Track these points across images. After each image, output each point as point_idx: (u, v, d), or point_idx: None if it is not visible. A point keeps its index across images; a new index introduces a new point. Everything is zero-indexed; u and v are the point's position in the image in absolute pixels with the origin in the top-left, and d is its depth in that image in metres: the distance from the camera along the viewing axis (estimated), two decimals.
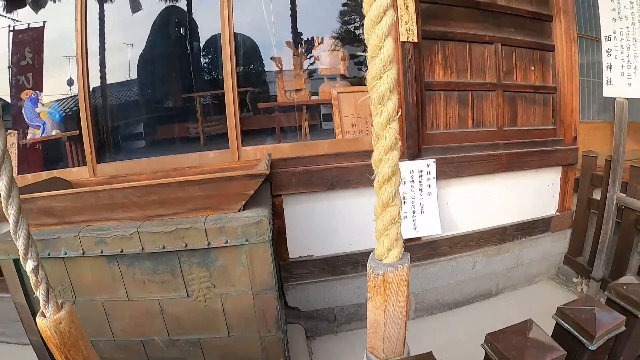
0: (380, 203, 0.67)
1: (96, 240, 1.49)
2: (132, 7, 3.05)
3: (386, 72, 0.58)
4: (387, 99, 0.59)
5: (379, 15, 0.54)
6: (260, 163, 1.90)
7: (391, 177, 0.64)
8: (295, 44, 2.70)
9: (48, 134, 2.59)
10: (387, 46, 0.57)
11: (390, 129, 0.61)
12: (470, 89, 2.27)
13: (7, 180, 0.62)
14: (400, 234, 0.67)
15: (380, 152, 0.63)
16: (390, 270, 0.67)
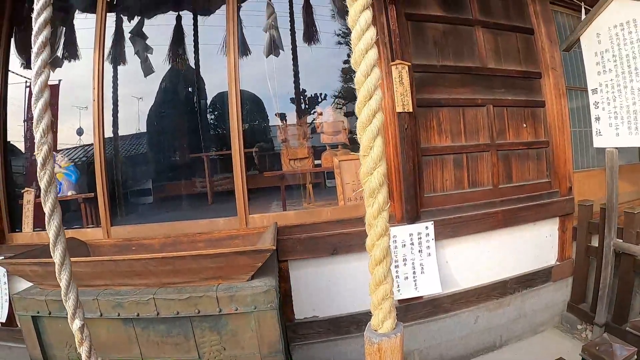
0: (374, 282, 0.76)
1: (114, 304, 1.59)
2: (144, 71, 3.24)
3: (376, 169, 0.66)
4: (377, 192, 0.68)
5: (369, 119, 0.63)
6: (267, 232, 2.00)
7: (383, 260, 0.73)
8: (299, 114, 2.86)
9: (64, 194, 2.73)
10: (376, 146, 0.64)
11: (380, 218, 0.70)
12: (465, 152, 2.38)
13: (61, 250, 0.72)
14: (393, 307, 0.76)
15: (372, 239, 0.72)
16: (385, 340, 0.75)
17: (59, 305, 1.64)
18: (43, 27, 0.66)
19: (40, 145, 0.66)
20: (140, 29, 3.09)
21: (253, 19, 2.60)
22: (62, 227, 0.72)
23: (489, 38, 2.58)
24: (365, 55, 0.64)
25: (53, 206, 0.70)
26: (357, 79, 0.67)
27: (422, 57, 2.33)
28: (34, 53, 0.68)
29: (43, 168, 0.67)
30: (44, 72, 0.67)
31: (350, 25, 0.66)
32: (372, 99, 0.66)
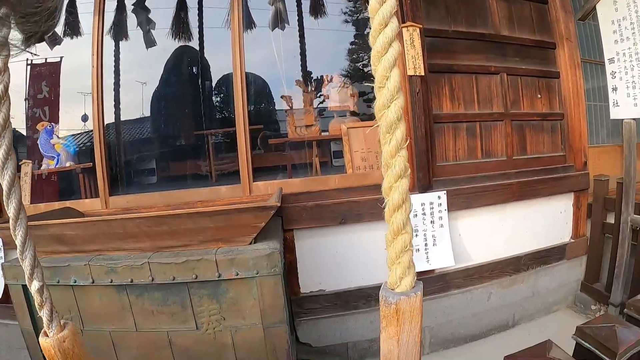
0: (392, 231, 0.67)
1: (106, 269, 1.49)
2: (146, 42, 3.16)
3: (393, 102, 0.59)
4: (395, 127, 0.60)
5: (385, 47, 0.56)
6: (272, 197, 1.91)
7: (401, 205, 0.64)
8: (305, 81, 2.76)
9: (62, 165, 2.65)
10: (393, 76, 0.58)
11: (399, 157, 0.61)
12: (478, 120, 2.29)
13: (16, 203, 0.65)
14: (412, 262, 0.67)
15: (390, 180, 0.63)
16: (404, 299, 0.66)
17: (49, 271, 1.53)
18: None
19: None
20: (143, 2, 3.00)
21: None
22: (17, 176, 0.65)
23: (503, 6, 2.49)
24: None
25: (8, 150, 0.63)
26: (371, 6, 0.59)
27: (433, 21, 2.23)
28: None
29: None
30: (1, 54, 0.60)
31: None
32: (387, 27, 0.58)
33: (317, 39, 3.11)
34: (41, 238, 1.62)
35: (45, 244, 1.62)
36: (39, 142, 2.72)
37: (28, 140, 3.26)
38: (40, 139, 2.71)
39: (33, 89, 3.38)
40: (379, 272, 2.13)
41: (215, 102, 3.57)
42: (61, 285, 1.55)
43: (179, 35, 3.25)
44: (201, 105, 3.37)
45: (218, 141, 3.21)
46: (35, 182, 2.65)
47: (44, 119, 3.31)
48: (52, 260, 1.56)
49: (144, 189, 2.66)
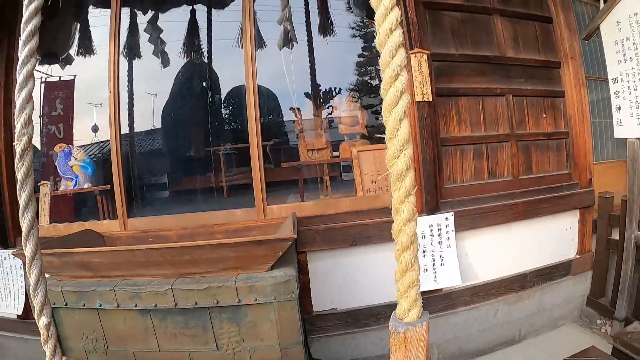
0: (400, 269, 0.73)
1: (131, 294, 1.57)
2: (162, 63, 3.24)
3: (403, 152, 0.64)
4: (404, 175, 0.65)
5: (396, 100, 0.61)
6: (286, 222, 1.98)
7: (410, 246, 0.70)
8: (316, 103, 2.84)
9: (80, 186, 2.74)
10: (403, 128, 0.62)
11: (407, 203, 0.67)
12: (484, 142, 2.34)
13: (33, 243, 0.69)
14: (419, 295, 0.74)
15: (399, 224, 0.69)
16: (411, 329, 0.72)
17: (75, 296, 1.62)
18: (33, 14, 0.62)
19: (21, 136, 0.62)
20: (154, 22, 3.09)
21: (267, 12, 2.59)
22: (35, 221, 0.69)
23: (508, 27, 2.54)
24: (390, 36, 0.61)
25: (28, 199, 0.66)
26: (382, 60, 0.64)
27: (440, 46, 2.30)
28: (21, 41, 0.64)
29: (21, 159, 0.63)
30: (30, 61, 0.63)
31: (374, 5, 0.64)
32: (397, 80, 0.63)
33: (326, 54, 3.18)
34: (67, 264, 1.71)
35: (71, 270, 1.71)
36: (57, 164, 2.81)
37: (43, 157, 3.36)
38: (58, 160, 2.80)
39: (47, 106, 3.48)
40: (388, 291, 2.20)
41: (224, 114, 3.64)
42: (86, 308, 1.64)
43: (191, 55, 3.33)
44: (212, 120, 3.45)
45: (229, 154, 3.28)
46: (53, 202, 2.74)
47: (58, 136, 3.42)
48: (78, 285, 1.65)
49: (161, 209, 2.74)
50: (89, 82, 3.28)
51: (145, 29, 3.07)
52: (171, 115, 3.48)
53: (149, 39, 3.07)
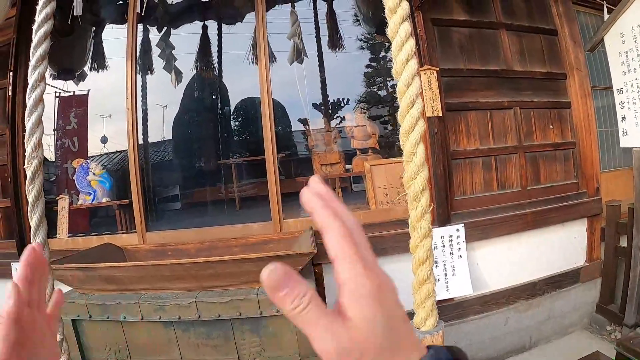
0: (417, 281, 0.79)
1: (155, 307, 1.64)
2: (175, 80, 3.32)
3: (419, 174, 0.69)
4: (420, 196, 0.71)
5: (412, 126, 0.66)
6: (302, 236, 2.05)
7: (426, 260, 0.76)
8: (327, 117, 2.90)
9: (98, 201, 2.81)
10: (419, 152, 0.67)
11: (424, 221, 0.73)
12: (493, 154, 2.40)
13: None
14: (435, 306, 0.79)
15: (416, 240, 0.75)
16: (428, 337, 0.78)
17: (100, 309, 1.70)
18: (42, 40, 0.66)
19: (31, 159, 0.66)
20: (167, 38, 3.18)
21: (277, 27, 2.66)
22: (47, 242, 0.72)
23: (514, 40, 2.60)
24: (406, 66, 0.67)
25: (39, 221, 0.70)
26: (399, 88, 0.69)
27: (449, 61, 2.36)
28: (31, 66, 0.66)
29: (32, 182, 0.67)
30: (40, 85, 0.66)
31: (390, 37, 0.68)
32: (414, 107, 0.69)
33: (335, 67, 3.24)
34: (92, 278, 1.78)
35: (95, 283, 1.78)
36: (75, 179, 2.89)
37: (58, 170, 3.44)
38: (76, 175, 2.88)
39: (62, 120, 3.56)
40: (403, 301, 2.25)
41: (234, 127, 3.70)
42: (111, 320, 1.70)
43: (203, 68, 3.41)
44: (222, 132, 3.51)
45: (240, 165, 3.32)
46: (71, 216, 2.81)
47: (72, 149, 3.50)
48: (103, 298, 1.72)
49: (176, 222, 2.80)
50: (98, 94, 3.36)
51: (157, 44, 3.15)
52: (181, 127, 3.55)
53: (159, 54, 3.15)
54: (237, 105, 3.62)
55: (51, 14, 0.71)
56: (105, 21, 2.99)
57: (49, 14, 0.70)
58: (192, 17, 3.25)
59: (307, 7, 2.95)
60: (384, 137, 2.82)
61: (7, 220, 2.74)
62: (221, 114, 3.46)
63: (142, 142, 3.25)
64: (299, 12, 2.73)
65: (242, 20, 2.82)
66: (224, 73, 3.57)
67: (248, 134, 3.43)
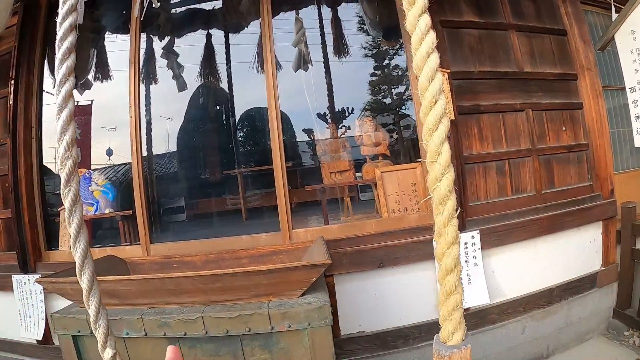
0: (444, 292, 0.73)
1: (159, 322, 1.56)
2: (178, 87, 3.28)
3: (445, 175, 0.63)
4: (447, 199, 0.65)
5: (436, 124, 0.60)
6: (313, 246, 1.98)
7: (454, 269, 0.70)
8: (335, 124, 2.85)
9: (101, 212, 2.75)
10: (444, 151, 0.61)
11: (451, 226, 0.67)
12: (506, 158, 2.34)
13: (89, 274, 0.64)
14: (462, 318, 0.73)
15: (442, 247, 0.69)
16: (456, 352, 0.72)
17: None
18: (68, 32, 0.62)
19: (64, 159, 0.59)
20: (171, 47, 3.14)
21: (281, 35, 2.61)
22: (89, 250, 0.67)
23: (524, 41, 2.55)
24: (427, 60, 0.62)
25: (79, 227, 0.64)
26: (420, 84, 0.64)
27: (459, 64, 2.31)
28: (57, 59, 0.62)
29: (67, 185, 0.61)
30: (69, 80, 0.61)
31: (409, 30, 0.63)
32: (437, 104, 0.63)
33: (340, 74, 3.21)
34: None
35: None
36: None
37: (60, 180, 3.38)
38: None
39: None
40: (416, 312, 2.19)
41: (240, 137, 3.66)
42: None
43: (207, 78, 3.36)
44: (227, 142, 3.47)
45: (246, 176, 3.28)
46: None
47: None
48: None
49: (181, 233, 2.74)
50: (103, 106, 3.32)
51: (161, 54, 3.12)
52: (187, 138, 3.51)
53: (167, 64, 3.11)
54: (243, 115, 3.59)
55: (75, 5, 0.66)
56: (108, 30, 2.94)
57: (73, 4, 0.65)
58: (196, 26, 3.22)
59: (312, 14, 2.93)
60: (390, 145, 2.76)
61: (8, 232, 2.69)
62: (226, 124, 3.41)
63: (146, 153, 3.21)
64: (304, 20, 2.69)
65: (247, 27, 2.78)
66: (229, 82, 3.54)
67: (254, 144, 3.39)
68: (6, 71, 2.69)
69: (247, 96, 3.32)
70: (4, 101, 2.72)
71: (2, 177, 2.69)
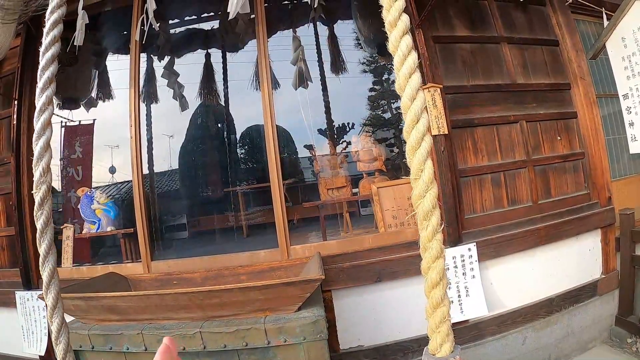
0: (431, 305, 0.74)
1: (159, 337, 1.59)
2: (180, 107, 3.33)
3: (428, 192, 0.65)
4: (430, 214, 0.67)
5: (418, 142, 0.62)
6: (311, 262, 2.00)
7: (439, 282, 0.72)
8: (332, 141, 2.89)
9: (103, 230, 2.79)
10: (427, 168, 0.64)
11: (435, 241, 0.69)
12: (502, 170, 2.36)
13: (54, 293, 0.66)
14: (450, 330, 0.74)
15: (428, 261, 0.71)
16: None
17: (103, 339, 1.66)
18: (50, 62, 0.65)
19: (39, 184, 0.63)
20: (171, 67, 3.20)
21: (280, 53, 2.66)
22: (56, 270, 0.70)
23: (516, 53, 2.58)
24: (409, 80, 0.64)
25: (48, 247, 0.67)
26: (403, 103, 0.67)
27: (452, 78, 2.34)
28: (38, 89, 0.65)
29: (40, 208, 0.65)
30: (48, 109, 0.64)
31: (392, 51, 0.66)
32: (419, 122, 0.66)
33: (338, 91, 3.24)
34: (94, 307, 1.75)
35: (98, 313, 1.75)
36: (80, 207, 2.88)
37: (63, 198, 3.43)
38: (81, 204, 2.87)
39: (67, 149, 3.57)
40: (415, 325, 2.19)
41: (240, 155, 3.70)
42: (113, 351, 1.66)
43: (207, 96, 3.42)
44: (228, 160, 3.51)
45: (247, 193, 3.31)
46: (76, 245, 2.79)
47: (77, 178, 3.50)
48: (105, 328, 1.69)
49: (182, 251, 2.77)
50: (105, 124, 3.37)
51: (162, 74, 3.18)
52: (188, 156, 3.55)
53: (167, 84, 3.16)
54: (243, 132, 3.64)
55: (58, 37, 0.71)
56: (109, 51, 3.01)
57: (56, 36, 0.70)
58: (195, 46, 3.29)
59: (309, 32, 2.99)
60: (390, 159, 2.79)
61: (12, 249, 2.74)
62: (227, 142, 3.46)
63: (147, 171, 3.26)
64: (301, 38, 2.73)
65: (245, 47, 2.84)
66: (229, 101, 3.60)
67: (254, 162, 3.44)
68: (10, 91, 2.75)
69: (246, 114, 3.39)
70: (8, 121, 2.78)
71: (6, 195, 2.74)
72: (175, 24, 3.16)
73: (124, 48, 2.78)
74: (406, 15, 0.61)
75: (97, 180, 3.42)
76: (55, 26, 0.66)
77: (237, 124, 3.63)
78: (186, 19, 3.12)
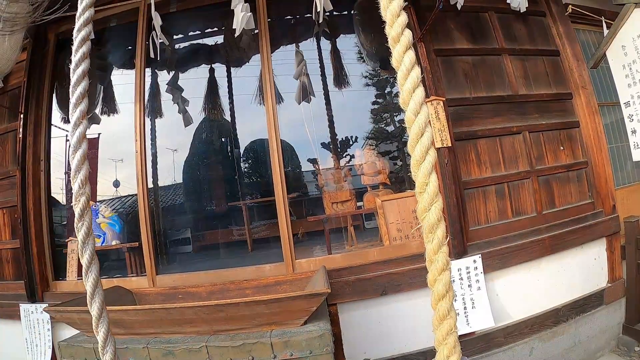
0: (437, 317, 0.75)
1: (164, 352, 1.60)
2: (184, 122, 3.36)
3: (433, 205, 0.66)
4: (436, 227, 0.67)
5: (423, 155, 0.63)
6: (316, 276, 2.00)
7: (445, 294, 0.72)
8: (336, 155, 2.91)
9: (108, 244, 2.81)
10: (432, 181, 0.64)
11: (441, 253, 0.69)
12: (505, 181, 2.37)
13: (99, 302, 0.67)
14: (457, 342, 0.75)
15: (434, 274, 0.71)
16: None
17: None
18: (81, 78, 0.68)
19: (79, 196, 0.65)
20: (176, 82, 3.23)
21: (283, 68, 2.69)
22: (99, 280, 0.71)
23: (517, 65, 2.60)
24: (413, 94, 0.66)
25: (91, 258, 0.68)
26: (407, 117, 0.68)
27: (455, 90, 2.36)
28: (72, 104, 0.68)
29: (81, 219, 0.66)
30: (82, 123, 0.67)
31: (395, 65, 0.67)
32: (423, 136, 0.67)
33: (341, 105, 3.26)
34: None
35: None
36: None
37: (68, 212, 3.45)
38: None
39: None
40: (421, 338, 2.19)
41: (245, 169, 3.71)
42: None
43: (212, 111, 3.44)
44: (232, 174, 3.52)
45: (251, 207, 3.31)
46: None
47: None
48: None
49: (187, 265, 2.78)
50: (110, 138, 3.39)
51: (166, 89, 3.21)
52: (192, 170, 3.57)
53: (172, 99, 3.19)
54: (247, 147, 3.67)
55: (87, 54, 0.74)
56: (114, 65, 3.04)
57: (85, 53, 0.73)
58: (199, 61, 3.32)
59: (311, 47, 3.01)
60: (394, 172, 2.80)
61: (17, 262, 2.75)
62: (231, 156, 3.48)
63: (152, 185, 3.27)
64: (303, 53, 2.76)
65: (249, 61, 2.87)
66: (233, 115, 3.62)
67: (259, 176, 3.45)
68: (16, 105, 2.78)
69: (251, 128, 3.41)
70: (14, 134, 2.81)
71: (11, 209, 2.76)
72: (180, 39, 3.20)
73: (128, 63, 2.81)
74: (409, 30, 0.62)
75: (101, 194, 3.43)
76: (83, 43, 0.69)
77: (241, 138, 3.66)
78: (190, 34, 3.17)
